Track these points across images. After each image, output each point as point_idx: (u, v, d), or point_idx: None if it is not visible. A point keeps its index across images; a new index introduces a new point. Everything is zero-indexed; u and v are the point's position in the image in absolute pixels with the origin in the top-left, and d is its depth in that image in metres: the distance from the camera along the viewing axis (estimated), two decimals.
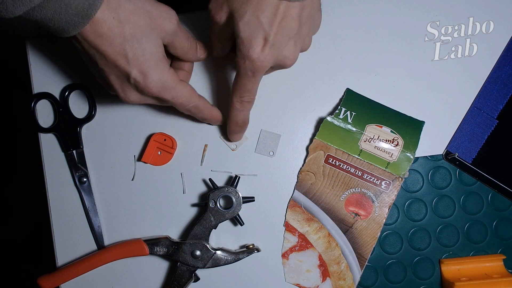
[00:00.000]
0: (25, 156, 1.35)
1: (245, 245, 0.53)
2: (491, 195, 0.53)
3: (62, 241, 0.54)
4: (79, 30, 0.38)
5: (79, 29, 0.38)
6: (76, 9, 0.37)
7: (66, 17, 0.37)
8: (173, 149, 0.52)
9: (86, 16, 0.37)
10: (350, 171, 0.51)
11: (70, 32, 0.38)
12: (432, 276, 0.53)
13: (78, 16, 0.37)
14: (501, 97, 0.52)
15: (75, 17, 0.37)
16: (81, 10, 0.37)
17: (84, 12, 0.37)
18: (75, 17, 0.37)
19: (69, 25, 0.38)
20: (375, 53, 0.53)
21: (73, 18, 0.37)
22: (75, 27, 0.38)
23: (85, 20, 0.38)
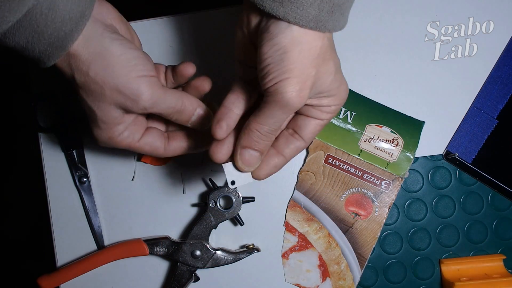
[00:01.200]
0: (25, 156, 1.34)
1: (245, 245, 0.53)
2: (491, 195, 0.53)
3: (62, 241, 0.54)
4: (54, 61, 0.36)
5: (54, 60, 0.36)
6: (49, 38, 0.34)
7: (40, 46, 0.35)
8: None
9: (60, 48, 0.35)
10: (350, 171, 0.51)
11: (45, 63, 0.36)
12: (432, 276, 0.53)
13: (52, 47, 0.35)
14: (501, 97, 0.52)
15: (48, 47, 0.35)
16: (55, 40, 0.34)
17: (58, 42, 0.35)
18: (49, 47, 0.35)
19: (43, 55, 0.35)
20: (375, 53, 0.53)
21: (47, 48, 0.35)
22: (49, 58, 0.36)
23: (59, 51, 0.35)
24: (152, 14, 0.54)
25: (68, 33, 0.35)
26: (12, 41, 0.34)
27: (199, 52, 0.53)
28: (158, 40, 0.53)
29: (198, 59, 0.53)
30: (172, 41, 0.53)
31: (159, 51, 0.53)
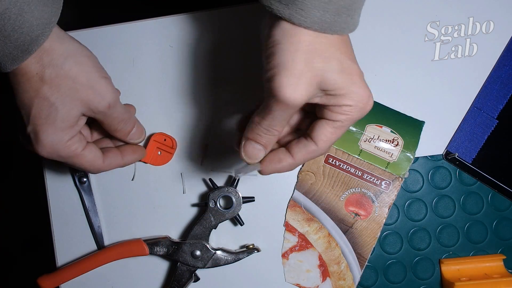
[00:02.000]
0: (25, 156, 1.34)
1: (245, 245, 0.53)
2: (491, 195, 0.53)
3: (62, 241, 0.54)
4: (17, 65, 0.37)
5: (17, 64, 0.37)
6: (16, 42, 0.35)
7: (5, 49, 0.36)
8: (173, 149, 0.52)
9: (26, 51, 0.36)
10: (350, 171, 0.51)
11: (7, 67, 0.37)
12: (432, 276, 0.53)
13: (18, 50, 0.36)
14: (501, 97, 0.52)
15: (14, 51, 0.36)
16: (22, 44, 0.36)
17: (25, 46, 0.36)
18: (14, 50, 0.36)
19: (7, 58, 0.36)
20: (375, 53, 0.53)
21: (12, 52, 0.36)
22: (13, 62, 0.37)
23: (25, 54, 0.36)
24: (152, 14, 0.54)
25: (35, 38, 0.36)
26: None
27: (199, 52, 0.53)
28: (158, 40, 0.53)
29: (198, 59, 0.53)
30: (172, 41, 0.53)
31: (159, 51, 0.53)
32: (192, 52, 0.53)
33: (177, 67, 0.53)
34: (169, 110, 0.53)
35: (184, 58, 0.53)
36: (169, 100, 0.53)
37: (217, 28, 0.53)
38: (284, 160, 0.38)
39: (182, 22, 0.53)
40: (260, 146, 0.37)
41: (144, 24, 0.53)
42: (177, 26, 0.53)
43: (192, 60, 0.53)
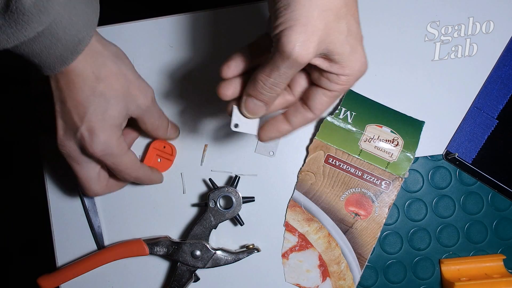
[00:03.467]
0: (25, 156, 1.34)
1: (245, 245, 0.53)
2: (491, 195, 0.53)
3: (62, 241, 0.54)
4: (66, 66, 0.38)
5: (66, 65, 0.38)
6: (65, 44, 0.37)
7: (56, 51, 0.37)
8: (173, 156, 0.52)
9: (75, 51, 0.38)
10: (350, 171, 0.51)
11: (56, 69, 0.38)
12: (432, 276, 0.53)
13: (67, 51, 0.37)
14: (501, 97, 0.52)
15: (64, 52, 0.37)
16: (71, 45, 0.37)
17: (73, 47, 0.37)
18: (64, 52, 0.37)
19: (57, 60, 0.37)
20: (375, 53, 0.53)
21: (62, 53, 0.37)
22: (63, 63, 0.38)
23: (74, 55, 0.38)
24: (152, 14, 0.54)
25: (82, 39, 0.38)
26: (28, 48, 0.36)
27: (199, 52, 0.53)
28: (158, 40, 0.53)
29: (198, 59, 0.53)
30: (172, 41, 0.53)
31: (159, 51, 0.53)
32: (192, 52, 0.53)
33: (177, 67, 0.53)
34: (169, 110, 0.53)
35: (184, 58, 0.53)
36: (169, 100, 0.53)
37: (217, 28, 0.53)
38: (281, 128, 0.38)
39: (182, 22, 0.53)
40: (262, 102, 0.37)
41: (144, 24, 0.53)
42: (177, 26, 0.53)
43: (192, 60, 0.53)
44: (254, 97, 0.37)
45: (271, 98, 0.37)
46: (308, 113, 0.37)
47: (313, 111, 0.37)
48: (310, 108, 0.37)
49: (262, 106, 0.37)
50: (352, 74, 0.34)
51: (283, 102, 0.39)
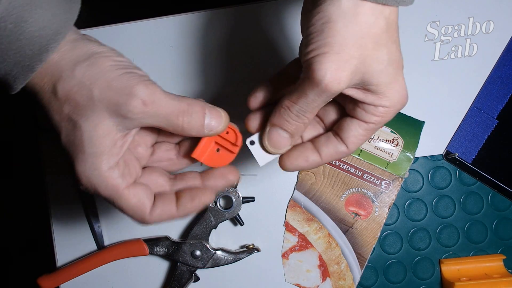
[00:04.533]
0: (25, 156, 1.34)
1: (245, 245, 0.53)
2: (491, 195, 0.53)
3: (62, 241, 0.54)
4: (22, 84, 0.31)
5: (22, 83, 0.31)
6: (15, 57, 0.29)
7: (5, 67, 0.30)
8: (237, 146, 0.36)
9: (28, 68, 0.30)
10: (350, 171, 0.51)
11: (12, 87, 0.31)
12: (432, 276, 0.53)
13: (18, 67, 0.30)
14: (501, 97, 0.52)
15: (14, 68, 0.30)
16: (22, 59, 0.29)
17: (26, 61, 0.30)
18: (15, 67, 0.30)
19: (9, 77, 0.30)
20: None
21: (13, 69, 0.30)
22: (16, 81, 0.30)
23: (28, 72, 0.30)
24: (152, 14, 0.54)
25: (37, 53, 0.29)
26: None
27: (199, 52, 0.53)
28: (158, 40, 0.53)
29: (198, 59, 0.53)
30: (172, 41, 0.53)
31: (159, 51, 0.53)
32: (192, 52, 0.53)
33: (177, 67, 0.53)
34: None
35: (184, 58, 0.53)
36: None
37: (217, 28, 0.53)
38: (310, 158, 0.34)
39: (182, 22, 0.53)
40: (287, 134, 0.33)
41: (144, 24, 0.53)
42: (177, 26, 0.53)
43: (192, 60, 0.53)
44: (279, 126, 0.33)
45: (297, 129, 0.33)
46: (341, 145, 0.33)
47: (347, 144, 0.33)
48: (344, 140, 0.33)
49: (287, 138, 0.33)
50: (391, 105, 0.31)
51: (313, 134, 0.36)
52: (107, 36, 0.53)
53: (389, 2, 0.28)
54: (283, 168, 0.35)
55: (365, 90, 0.31)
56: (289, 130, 0.33)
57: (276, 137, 0.33)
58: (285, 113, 0.32)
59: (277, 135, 0.33)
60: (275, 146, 0.34)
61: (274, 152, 0.34)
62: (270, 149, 0.34)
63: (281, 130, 0.33)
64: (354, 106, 0.32)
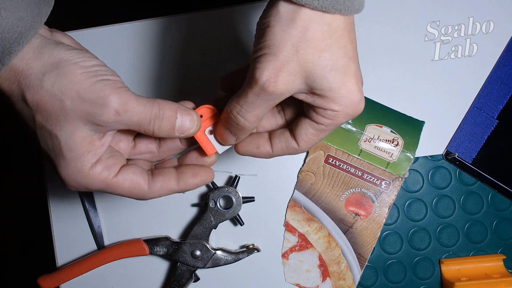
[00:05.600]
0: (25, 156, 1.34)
1: (245, 245, 0.53)
2: (491, 195, 0.53)
3: (62, 241, 0.54)
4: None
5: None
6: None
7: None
8: None
9: None
10: (350, 171, 0.51)
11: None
12: (432, 276, 0.53)
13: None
14: (501, 97, 0.52)
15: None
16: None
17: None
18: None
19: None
20: (375, 53, 0.53)
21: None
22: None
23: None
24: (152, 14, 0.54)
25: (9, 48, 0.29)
26: None
27: (199, 52, 0.53)
28: (158, 40, 0.53)
29: (198, 59, 0.53)
30: (172, 41, 0.53)
31: (159, 51, 0.53)
32: (192, 52, 0.53)
33: (177, 67, 0.53)
34: None
35: (184, 58, 0.53)
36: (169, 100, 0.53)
37: (217, 28, 0.53)
38: (262, 148, 0.35)
39: (182, 22, 0.53)
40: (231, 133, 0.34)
41: (144, 24, 0.53)
42: (177, 26, 0.53)
43: (192, 60, 0.53)
44: (224, 125, 0.34)
45: (237, 131, 0.34)
46: (293, 142, 0.34)
47: (298, 142, 0.34)
48: (295, 138, 0.34)
49: (232, 136, 0.34)
50: (340, 110, 0.31)
51: (273, 124, 0.37)
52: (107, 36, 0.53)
53: (329, 10, 0.28)
54: (236, 151, 0.36)
55: (313, 94, 0.31)
56: (231, 131, 0.34)
57: (222, 133, 0.35)
58: (228, 114, 0.33)
59: (223, 131, 0.35)
60: (222, 140, 0.35)
61: (223, 145, 0.36)
62: (220, 142, 0.36)
63: (225, 128, 0.34)
64: (307, 107, 0.33)
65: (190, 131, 0.34)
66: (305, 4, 0.28)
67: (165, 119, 0.33)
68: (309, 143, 0.34)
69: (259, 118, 0.33)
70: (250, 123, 0.33)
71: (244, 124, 0.33)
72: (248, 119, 0.32)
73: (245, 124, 0.33)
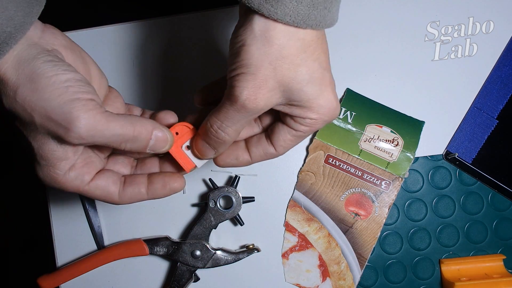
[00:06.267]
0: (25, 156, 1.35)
1: (245, 245, 0.53)
2: (491, 195, 0.53)
3: (62, 241, 0.54)
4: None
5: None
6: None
7: None
8: None
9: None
10: (350, 171, 0.51)
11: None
12: (432, 276, 0.53)
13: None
14: (501, 97, 0.52)
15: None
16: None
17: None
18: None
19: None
20: (375, 53, 0.53)
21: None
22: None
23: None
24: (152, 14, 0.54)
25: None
26: None
27: (199, 52, 0.53)
28: (158, 40, 0.53)
29: (198, 59, 0.53)
30: (172, 41, 0.53)
31: (159, 51, 0.53)
32: (193, 52, 0.53)
33: (178, 67, 0.53)
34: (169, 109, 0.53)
35: (184, 58, 0.53)
36: (169, 99, 0.53)
37: (217, 28, 0.53)
38: (241, 157, 0.36)
39: (182, 22, 0.53)
40: (210, 146, 0.35)
41: (144, 24, 0.53)
42: (177, 26, 0.53)
43: (193, 60, 0.53)
44: (202, 139, 0.35)
45: (217, 144, 0.34)
46: (270, 147, 0.35)
47: (275, 147, 0.35)
48: (273, 143, 0.35)
49: (210, 150, 0.35)
50: (318, 118, 0.33)
51: (249, 132, 0.38)
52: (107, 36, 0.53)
53: (300, 25, 0.29)
54: (216, 163, 0.37)
55: (290, 105, 0.32)
56: (210, 145, 0.35)
57: (200, 147, 0.36)
58: (208, 128, 0.34)
59: (202, 145, 0.35)
60: (201, 154, 0.36)
61: (202, 159, 0.37)
62: (199, 156, 0.36)
63: (204, 142, 0.35)
64: (284, 116, 0.34)
65: (161, 150, 0.35)
66: (278, 19, 0.29)
67: (139, 141, 0.33)
68: (287, 148, 0.35)
69: (239, 132, 0.34)
70: (231, 137, 0.34)
71: (224, 138, 0.34)
72: (229, 133, 0.33)
73: (225, 138, 0.34)
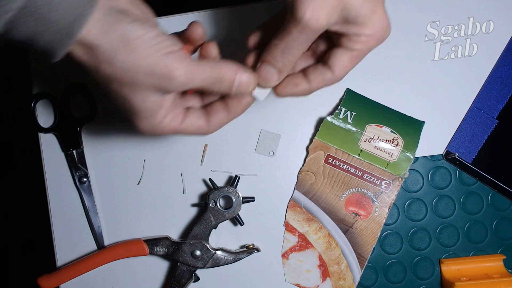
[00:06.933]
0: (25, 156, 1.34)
1: (245, 245, 0.53)
2: (491, 195, 0.53)
3: (62, 241, 0.54)
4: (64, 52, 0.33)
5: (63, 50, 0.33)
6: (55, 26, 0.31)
7: (46, 36, 0.31)
8: None
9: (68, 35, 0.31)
10: (350, 171, 0.51)
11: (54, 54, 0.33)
12: (432, 276, 0.53)
13: (59, 34, 0.31)
14: (501, 97, 0.52)
15: (56, 36, 0.31)
16: (62, 27, 0.31)
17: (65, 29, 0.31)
18: (56, 35, 0.31)
19: (51, 46, 0.32)
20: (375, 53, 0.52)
21: (55, 37, 0.31)
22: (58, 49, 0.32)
23: (68, 39, 0.32)
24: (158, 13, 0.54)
25: (75, 19, 0.31)
26: (17, 33, 0.31)
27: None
28: None
29: None
30: None
31: None
32: None
33: None
34: None
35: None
36: None
37: (217, 28, 0.53)
38: (300, 85, 0.38)
39: (182, 22, 0.53)
40: (275, 70, 0.37)
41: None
42: (177, 26, 0.53)
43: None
44: (268, 63, 0.37)
45: (283, 65, 0.36)
46: (329, 73, 0.37)
47: (334, 71, 0.37)
48: (331, 67, 0.37)
49: (275, 73, 0.37)
50: (372, 34, 0.35)
51: (304, 64, 0.39)
52: None
53: None
54: (276, 93, 0.39)
55: (346, 24, 0.34)
56: (276, 66, 0.37)
57: (265, 73, 0.37)
58: (273, 50, 0.36)
59: (266, 71, 0.37)
60: (265, 80, 0.37)
61: (265, 86, 0.38)
62: (261, 83, 0.38)
63: (269, 66, 0.37)
64: (339, 37, 0.36)
65: (247, 91, 0.38)
66: None
67: (224, 83, 0.37)
68: (345, 70, 0.37)
69: (301, 52, 0.36)
70: (295, 57, 0.36)
71: (290, 58, 0.36)
72: (294, 54, 0.35)
73: (290, 58, 0.36)
